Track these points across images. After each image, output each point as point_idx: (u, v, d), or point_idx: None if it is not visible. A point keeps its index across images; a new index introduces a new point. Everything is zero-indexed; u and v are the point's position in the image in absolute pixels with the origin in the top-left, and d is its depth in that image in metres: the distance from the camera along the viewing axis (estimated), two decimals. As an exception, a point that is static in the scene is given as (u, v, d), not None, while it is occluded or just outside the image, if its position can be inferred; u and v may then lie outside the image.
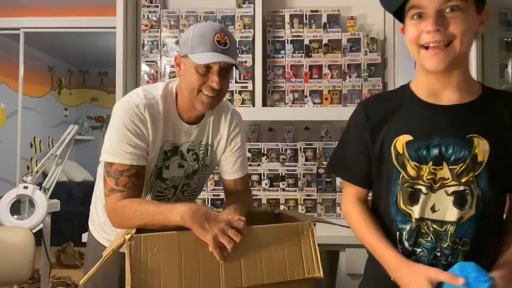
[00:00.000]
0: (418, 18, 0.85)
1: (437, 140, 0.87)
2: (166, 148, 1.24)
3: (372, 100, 1.04)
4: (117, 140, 1.14)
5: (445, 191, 0.87)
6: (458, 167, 0.86)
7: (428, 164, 0.88)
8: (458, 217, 0.87)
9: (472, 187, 0.86)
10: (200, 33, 1.14)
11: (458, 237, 0.88)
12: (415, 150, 0.89)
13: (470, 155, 0.85)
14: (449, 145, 0.87)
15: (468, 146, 0.86)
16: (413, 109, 0.93)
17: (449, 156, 0.86)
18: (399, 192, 0.91)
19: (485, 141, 0.86)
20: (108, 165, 1.14)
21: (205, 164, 1.33)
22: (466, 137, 0.86)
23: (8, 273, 1.96)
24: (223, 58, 1.11)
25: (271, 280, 1.00)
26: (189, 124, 1.26)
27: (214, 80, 1.14)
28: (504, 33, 1.66)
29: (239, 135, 1.34)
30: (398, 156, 0.91)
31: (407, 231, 0.92)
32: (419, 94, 0.94)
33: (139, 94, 1.19)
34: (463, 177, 0.86)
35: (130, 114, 1.14)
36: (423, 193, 0.89)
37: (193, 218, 0.99)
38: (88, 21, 3.17)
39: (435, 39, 0.83)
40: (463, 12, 0.82)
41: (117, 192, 1.11)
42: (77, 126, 2.69)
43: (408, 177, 0.90)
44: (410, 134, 0.90)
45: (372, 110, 0.99)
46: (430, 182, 0.88)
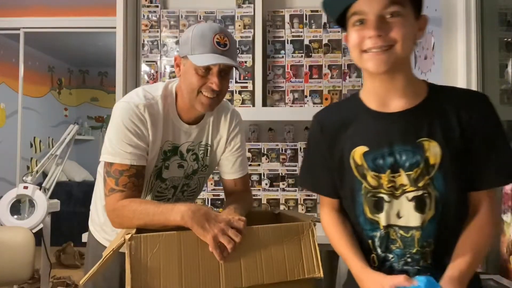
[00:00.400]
0: (360, 24, 0.86)
1: (390, 149, 0.89)
2: (165, 148, 1.24)
3: (325, 113, 1.05)
4: (117, 140, 1.14)
5: (406, 197, 0.89)
6: (413, 173, 0.88)
7: (386, 173, 0.89)
8: (421, 222, 0.88)
9: (429, 189, 0.87)
10: (199, 34, 1.13)
11: (425, 240, 0.89)
12: (372, 160, 0.91)
13: (422, 159, 0.87)
14: (402, 152, 0.88)
15: (420, 151, 0.87)
16: (365, 120, 0.94)
17: (404, 163, 0.88)
18: (364, 201, 0.93)
19: (435, 143, 0.87)
20: (108, 165, 1.14)
21: (205, 164, 1.33)
22: (416, 142, 0.88)
23: (8, 273, 1.96)
24: (223, 60, 1.11)
25: (271, 280, 1.00)
26: (188, 124, 1.26)
27: (214, 82, 1.13)
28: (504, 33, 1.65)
29: (238, 135, 1.34)
30: (358, 167, 0.93)
31: (378, 238, 0.93)
32: (369, 104, 0.95)
33: (139, 94, 1.19)
34: (420, 182, 0.87)
35: (130, 114, 1.14)
36: (386, 201, 0.90)
37: (193, 218, 0.99)
38: (88, 21, 3.18)
39: (377, 44, 0.84)
40: (403, 18, 0.84)
41: (117, 192, 1.11)
42: (77, 126, 2.69)
43: (370, 186, 0.92)
44: (366, 145, 0.92)
45: (326, 124, 1.01)
46: (391, 190, 0.89)
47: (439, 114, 0.89)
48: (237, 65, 1.16)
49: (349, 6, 0.87)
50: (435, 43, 1.77)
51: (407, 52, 0.88)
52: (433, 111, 0.89)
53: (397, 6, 0.83)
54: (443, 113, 0.89)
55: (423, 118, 0.89)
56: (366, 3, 0.84)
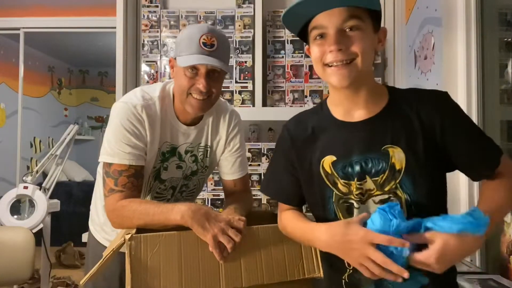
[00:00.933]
0: (321, 38, 0.87)
1: (356, 157, 0.91)
2: (164, 149, 1.24)
3: (295, 122, 1.06)
4: (115, 141, 1.14)
5: (373, 200, 0.90)
6: (379, 178, 0.89)
7: (354, 180, 0.91)
8: None
9: (397, 193, 0.88)
10: (187, 35, 1.14)
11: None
12: (341, 168, 0.92)
13: (388, 166, 0.88)
14: (368, 159, 0.90)
15: (385, 157, 0.89)
16: (332, 129, 0.96)
17: (370, 170, 0.90)
18: (336, 208, 0.94)
19: (399, 149, 0.88)
20: (107, 165, 1.14)
21: (205, 165, 1.33)
22: (381, 149, 0.89)
23: (8, 273, 1.96)
24: (206, 61, 1.11)
25: (271, 280, 1.00)
26: (187, 125, 1.26)
27: (201, 83, 1.13)
28: (504, 33, 1.65)
29: (238, 136, 1.34)
30: (328, 176, 0.94)
31: None
32: (336, 114, 0.97)
33: (137, 94, 1.19)
34: (386, 186, 0.89)
35: (128, 115, 1.15)
36: (355, 207, 0.92)
37: (193, 218, 0.99)
38: (88, 21, 3.17)
39: (338, 58, 0.85)
40: (362, 31, 0.85)
41: (117, 193, 1.11)
42: (77, 126, 2.69)
43: (340, 193, 0.93)
44: (333, 154, 0.93)
45: (295, 134, 1.02)
46: (359, 196, 0.91)
47: (400, 118, 0.90)
48: (221, 66, 1.13)
49: (309, 21, 0.88)
50: (435, 43, 1.77)
51: (368, 64, 0.89)
52: (395, 117, 0.91)
53: (356, 20, 0.84)
54: (405, 117, 0.90)
55: (385, 125, 0.90)
56: (326, 18, 0.85)
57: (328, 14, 0.85)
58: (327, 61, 0.87)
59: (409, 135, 0.88)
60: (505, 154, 0.91)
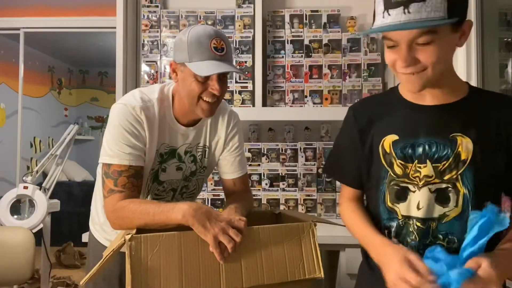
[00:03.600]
0: (392, 48, 0.87)
1: (421, 139, 0.91)
2: (162, 151, 1.24)
3: (361, 103, 1.08)
4: (115, 142, 1.14)
5: (429, 188, 0.90)
6: (441, 165, 0.89)
7: (414, 163, 0.91)
8: (440, 214, 0.89)
9: (456, 185, 0.88)
10: (196, 40, 1.12)
11: (441, 234, 0.90)
12: (401, 149, 0.92)
13: (453, 153, 0.88)
14: (433, 143, 0.90)
15: (452, 145, 0.89)
16: (399, 110, 0.97)
17: (433, 154, 0.89)
18: (387, 190, 0.95)
19: (468, 140, 0.88)
20: (107, 166, 1.14)
21: (203, 165, 1.33)
22: (449, 136, 0.89)
23: (8, 273, 1.96)
24: (223, 68, 1.11)
25: (271, 281, 1.00)
26: (186, 126, 1.26)
27: (215, 88, 1.14)
28: (504, 33, 1.66)
29: (236, 135, 1.35)
30: (386, 155, 0.95)
31: (394, 228, 0.95)
32: (406, 96, 0.98)
33: (135, 96, 1.19)
34: (446, 175, 0.89)
35: (127, 116, 1.15)
36: (411, 191, 0.91)
37: (195, 216, 0.99)
38: (88, 21, 3.17)
39: (407, 71, 0.86)
40: (435, 44, 0.82)
41: (116, 193, 1.11)
42: (77, 126, 2.69)
43: (394, 175, 0.93)
44: (396, 134, 0.94)
45: (360, 113, 1.03)
46: (416, 180, 0.91)
47: (477, 113, 0.90)
48: (237, 70, 1.17)
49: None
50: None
51: (440, 71, 0.87)
52: (472, 110, 0.91)
53: (428, 36, 0.81)
54: (483, 114, 0.90)
55: (460, 114, 0.91)
56: (397, 33, 0.83)
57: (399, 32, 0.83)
58: (398, 70, 0.87)
59: (482, 129, 0.89)
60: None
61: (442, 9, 0.78)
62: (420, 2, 0.77)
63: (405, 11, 0.78)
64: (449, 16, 0.79)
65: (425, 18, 0.77)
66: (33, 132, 5.06)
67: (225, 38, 1.16)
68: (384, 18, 0.81)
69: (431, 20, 0.78)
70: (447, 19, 0.79)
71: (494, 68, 1.62)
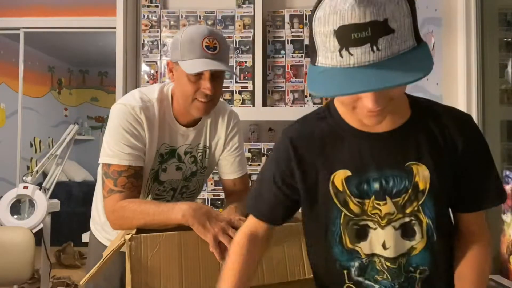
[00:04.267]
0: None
1: (376, 173, 0.81)
2: (162, 151, 1.23)
3: (298, 130, 0.90)
4: (114, 142, 1.14)
5: (393, 226, 0.82)
6: (401, 199, 0.81)
7: (371, 198, 0.81)
8: (408, 248, 0.83)
9: (418, 216, 0.81)
10: (188, 38, 1.12)
11: (413, 267, 0.83)
12: (356, 185, 0.81)
13: (411, 185, 0.80)
14: (389, 177, 0.81)
15: (408, 176, 0.80)
16: (346, 140, 0.83)
17: (391, 189, 0.81)
18: (344, 231, 0.84)
19: (424, 167, 0.80)
20: (106, 166, 1.14)
21: (204, 166, 1.33)
22: (405, 166, 0.81)
23: (8, 273, 1.96)
24: (212, 65, 1.10)
25: (272, 281, 1.00)
26: (186, 126, 1.25)
27: (207, 87, 1.13)
28: (504, 33, 1.65)
29: (236, 136, 1.34)
30: (338, 194, 0.83)
31: (356, 268, 0.85)
32: (350, 120, 0.83)
33: (135, 96, 1.19)
34: (408, 208, 0.81)
35: (127, 116, 1.15)
36: (371, 228, 0.82)
37: (195, 216, 0.99)
38: (88, 21, 3.17)
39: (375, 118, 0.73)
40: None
41: (116, 193, 1.11)
42: (77, 126, 2.69)
43: (351, 214, 0.83)
44: (348, 169, 0.82)
45: (299, 143, 0.87)
46: (376, 218, 0.82)
47: (424, 132, 0.82)
48: (227, 68, 1.15)
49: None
50: (435, 43, 1.77)
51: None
52: (419, 130, 0.82)
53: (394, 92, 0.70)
54: (429, 134, 0.82)
55: (409, 139, 0.81)
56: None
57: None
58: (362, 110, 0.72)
59: (434, 153, 0.80)
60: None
61: (411, 36, 0.66)
62: (390, 34, 0.63)
63: (373, 48, 0.63)
64: (417, 43, 0.67)
65: (397, 52, 0.64)
66: (33, 132, 5.07)
67: (219, 38, 1.14)
68: (344, 57, 0.64)
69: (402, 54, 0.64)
70: (416, 46, 0.66)
71: (494, 68, 1.62)
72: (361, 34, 0.62)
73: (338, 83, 0.65)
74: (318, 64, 0.69)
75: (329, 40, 0.65)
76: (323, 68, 0.68)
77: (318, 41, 0.67)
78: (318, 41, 0.67)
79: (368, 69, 0.63)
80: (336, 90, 0.66)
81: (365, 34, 0.62)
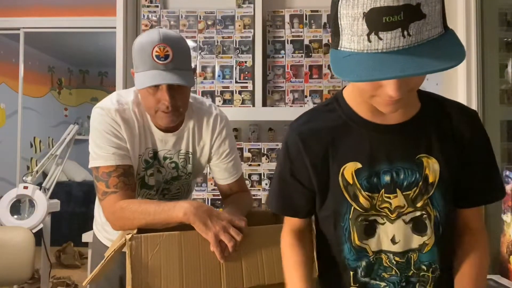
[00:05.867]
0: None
1: (387, 166, 0.80)
2: (146, 156, 1.21)
3: (306, 124, 0.87)
4: (98, 145, 1.14)
5: (403, 220, 0.80)
6: (412, 192, 0.80)
7: (380, 192, 0.80)
8: (420, 244, 0.82)
9: (428, 210, 0.81)
10: (139, 48, 1.08)
11: (425, 264, 0.83)
12: (366, 178, 0.80)
13: (421, 178, 0.80)
14: (400, 170, 0.80)
15: (419, 168, 0.80)
16: (358, 131, 0.82)
17: (401, 182, 0.80)
18: (352, 227, 0.82)
19: (434, 160, 0.80)
20: (95, 170, 1.14)
21: (188, 172, 1.29)
22: (415, 158, 0.80)
23: (8, 273, 1.96)
24: (163, 79, 1.05)
25: (272, 281, 1.00)
26: (164, 131, 1.21)
27: (165, 99, 1.08)
28: (504, 33, 1.66)
29: (226, 140, 1.28)
30: (348, 187, 0.81)
31: (363, 268, 0.84)
32: (361, 112, 0.82)
33: (112, 99, 1.18)
34: (418, 202, 0.80)
35: (105, 118, 1.14)
36: (380, 224, 0.81)
37: (196, 214, 0.99)
38: (88, 21, 3.17)
39: (394, 105, 0.72)
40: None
41: (111, 194, 1.10)
42: (77, 126, 2.69)
43: (361, 209, 0.81)
44: (358, 161, 0.81)
45: (309, 138, 0.85)
46: (385, 212, 0.81)
47: (435, 127, 0.82)
48: (179, 81, 1.06)
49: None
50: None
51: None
52: (429, 124, 0.82)
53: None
54: (439, 127, 0.82)
55: (420, 132, 0.81)
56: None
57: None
58: (382, 97, 0.70)
59: (443, 145, 0.81)
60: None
61: (440, 23, 0.64)
62: (421, 19, 0.60)
63: (404, 33, 0.60)
64: (445, 30, 0.64)
65: (427, 39, 0.61)
66: (33, 132, 5.06)
67: (172, 43, 1.06)
68: (372, 42, 0.62)
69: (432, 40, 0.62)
70: (444, 33, 0.64)
71: (494, 68, 1.62)
72: (393, 18, 0.59)
73: (368, 68, 0.62)
74: (341, 48, 0.66)
75: (357, 23, 0.62)
76: (349, 53, 0.65)
77: (344, 24, 0.64)
78: (343, 24, 0.64)
79: (397, 55, 0.61)
80: (368, 75, 0.62)
81: (397, 18, 0.59)
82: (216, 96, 2.26)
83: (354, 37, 0.63)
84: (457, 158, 0.82)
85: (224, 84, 2.27)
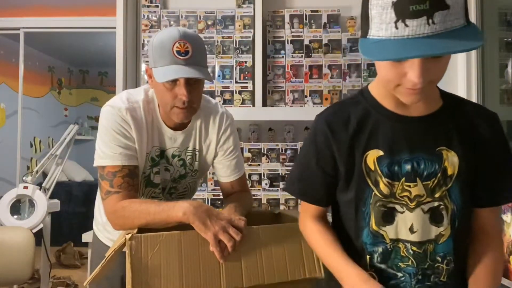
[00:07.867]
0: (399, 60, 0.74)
1: (407, 155, 0.84)
2: (153, 154, 1.22)
3: (333, 113, 0.92)
4: (105, 143, 1.14)
5: (422, 209, 0.83)
6: (431, 182, 0.83)
7: (401, 181, 0.84)
8: (436, 235, 0.84)
9: (445, 201, 0.83)
10: (159, 44, 1.10)
11: (440, 256, 0.85)
12: (387, 166, 0.84)
13: (440, 169, 0.83)
14: (420, 160, 0.83)
15: (438, 160, 0.83)
16: (382, 121, 0.86)
17: (422, 172, 0.83)
18: (372, 211, 0.86)
19: (453, 153, 0.84)
20: (101, 168, 1.14)
21: (194, 169, 1.31)
22: (435, 150, 0.84)
23: (8, 273, 1.96)
24: (184, 72, 1.07)
25: (272, 281, 1.00)
26: (173, 129, 1.23)
27: (182, 94, 1.10)
28: (504, 33, 1.66)
29: (231, 138, 1.31)
30: (370, 173, 0.85)
31: (379, 253, 0.87)
32: (385, 103, 0.87)
33: (122, 98, 1.19)
34: (437, 192, 0.83)
35: (115, 117, 1.14)
36: (399, 212, 0.84)
37: (195, 214, 0.99)
38: (88, 21, 3.17)
39: (417, 93, 0.76)
40: (447, 57, 0.76)
41: (114, 194, 1.11)
42: (77, 126, 2.69)
43: (380, 195, 0.85)
44: (381, 149, 0.85)
45: (336, 126, 0.89)
46: (405, 200, 0.84)
47: (455, 123, 0.85)
48: (200, 75, 1.09)
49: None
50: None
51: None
52: (450, 121, 0.86)
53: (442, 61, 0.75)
54: (459, 124, 0.86)
55: (442, 125, 0.85)
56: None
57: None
58: (406, 86, 0.75)
59: (462, 141, 0.84)
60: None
61: (463, 15, 0.69)
62: (445, 9, 0.66)
63: (429, 21, 0.66)
64: (467, 22, 0.70)
65: (450, 28, 0.67)
66: (33, 132, 5.06)
67: (192, 40, 1.10)
68: (399, 29, 0.68)
69: (454, 30, 0.68)
70: (466, 26, 0.69)
71: (494, 68, 1.63)
72: (419, 6, 0.66)
73: (394, 50, 0.69)
74: (370, 36, 0.73)
75: (386, 12, 0.69)
76: (377, 39, 0.71)
77: (374, 13, 0.71)
78: (373, 13, 0.71)
79: (422, 40, 0.67)
80: (393, 54, 0.70)
81: (423, 6, 0.66)
82: (216, 96, 2.26)
83: (382, 24, 0.70)
84: (474, 156, 0.85)
85: (224, 84, 2.27)
